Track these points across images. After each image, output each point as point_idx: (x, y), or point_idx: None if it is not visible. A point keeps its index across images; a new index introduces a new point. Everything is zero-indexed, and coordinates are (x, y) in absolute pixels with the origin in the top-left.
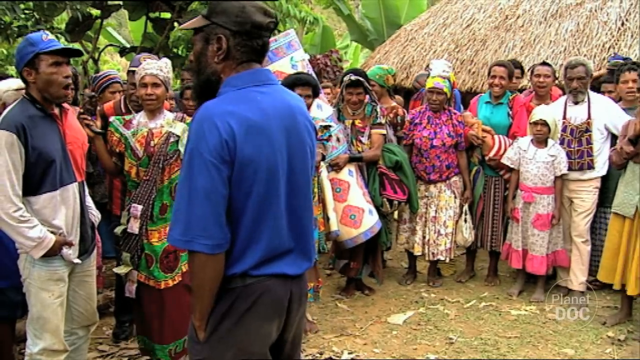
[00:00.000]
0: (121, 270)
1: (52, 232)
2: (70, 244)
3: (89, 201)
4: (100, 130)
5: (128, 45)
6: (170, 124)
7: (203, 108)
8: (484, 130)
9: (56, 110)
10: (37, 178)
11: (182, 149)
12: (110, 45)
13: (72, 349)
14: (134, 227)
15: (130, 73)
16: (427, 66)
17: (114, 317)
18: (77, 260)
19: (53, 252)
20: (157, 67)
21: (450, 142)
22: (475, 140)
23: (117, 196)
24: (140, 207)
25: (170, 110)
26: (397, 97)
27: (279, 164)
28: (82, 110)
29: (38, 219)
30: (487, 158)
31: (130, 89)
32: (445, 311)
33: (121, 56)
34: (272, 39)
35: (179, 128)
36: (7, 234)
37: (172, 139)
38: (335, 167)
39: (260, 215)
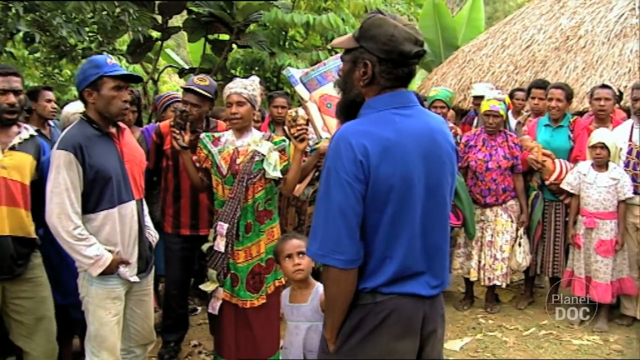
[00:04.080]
0: (208, 287)
1: (109, 251)
2: (127, 263)
3: (148, 220)
4: (185, 145)
5: (187, 67)
6: (257, 142)
7: (341, 128)
8: (543, 154)
9: (113, 130)
10: (95, 196)
11: (267, 169)
12: (170, 66)
13: None
14: (220, 245)
15: (184, 91)
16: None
17: (160, 336)
18: (134, 279)
19: (110, 271)
20: (242, 85)
21: (506, 164)
22: (534, 164)
23: (169, 214)
24: (226, 225)
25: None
26: None
27: (415, 185)
28: (172, 124)
29: (96, 236)
30: (547, 182)
31: (182, 107)
32: (503, 338)
33: (180, 77)
34: (321, 62)
35: (265, 147)
36: (65, 251)
37: (257, 158)
38: None
39: (394, 234)
